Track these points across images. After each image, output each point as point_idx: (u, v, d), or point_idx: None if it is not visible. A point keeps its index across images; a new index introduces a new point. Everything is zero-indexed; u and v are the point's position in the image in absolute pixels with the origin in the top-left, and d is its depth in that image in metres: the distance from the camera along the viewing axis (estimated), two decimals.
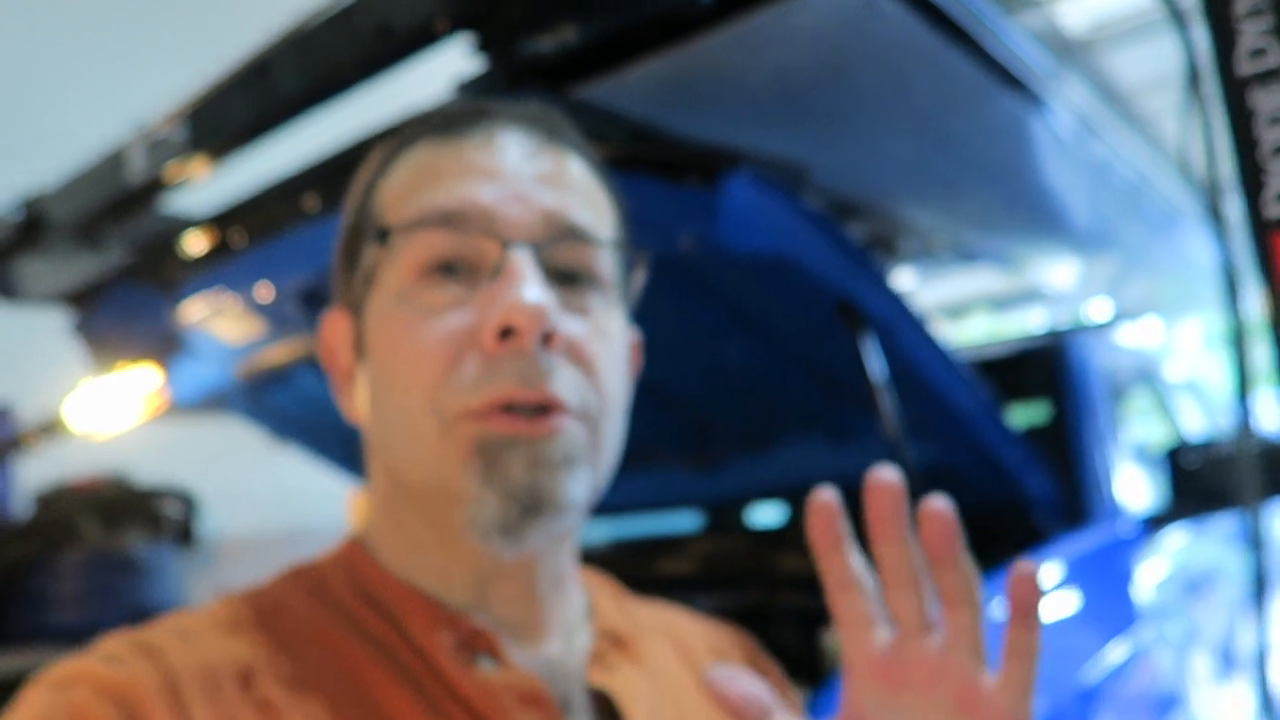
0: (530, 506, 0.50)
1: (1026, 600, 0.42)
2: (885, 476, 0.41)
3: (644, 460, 1.82)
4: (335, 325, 0.60)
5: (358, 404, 0.58)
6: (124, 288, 1.52)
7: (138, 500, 2.70)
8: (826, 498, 0.42)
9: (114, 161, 1.38)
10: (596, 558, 2.09)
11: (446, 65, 1.04)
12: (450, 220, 0.52)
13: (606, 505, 0.59)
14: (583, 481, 0.52)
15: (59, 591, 2.57)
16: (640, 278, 0.61)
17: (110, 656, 0.47)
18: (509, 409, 0.50)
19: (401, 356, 0.52)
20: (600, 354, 0.54)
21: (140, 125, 1.29)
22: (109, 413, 1.79)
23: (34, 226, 1.54)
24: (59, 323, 1.79)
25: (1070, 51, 1.36)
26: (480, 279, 0.52)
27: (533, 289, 0.50)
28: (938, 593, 0.42)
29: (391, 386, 0.53)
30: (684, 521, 2.38)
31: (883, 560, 0.42)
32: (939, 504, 0.41)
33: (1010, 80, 1.21)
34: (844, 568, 0.43)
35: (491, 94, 1.01)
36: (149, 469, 2.89)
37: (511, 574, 0.54)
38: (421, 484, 0.53)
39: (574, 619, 0.59)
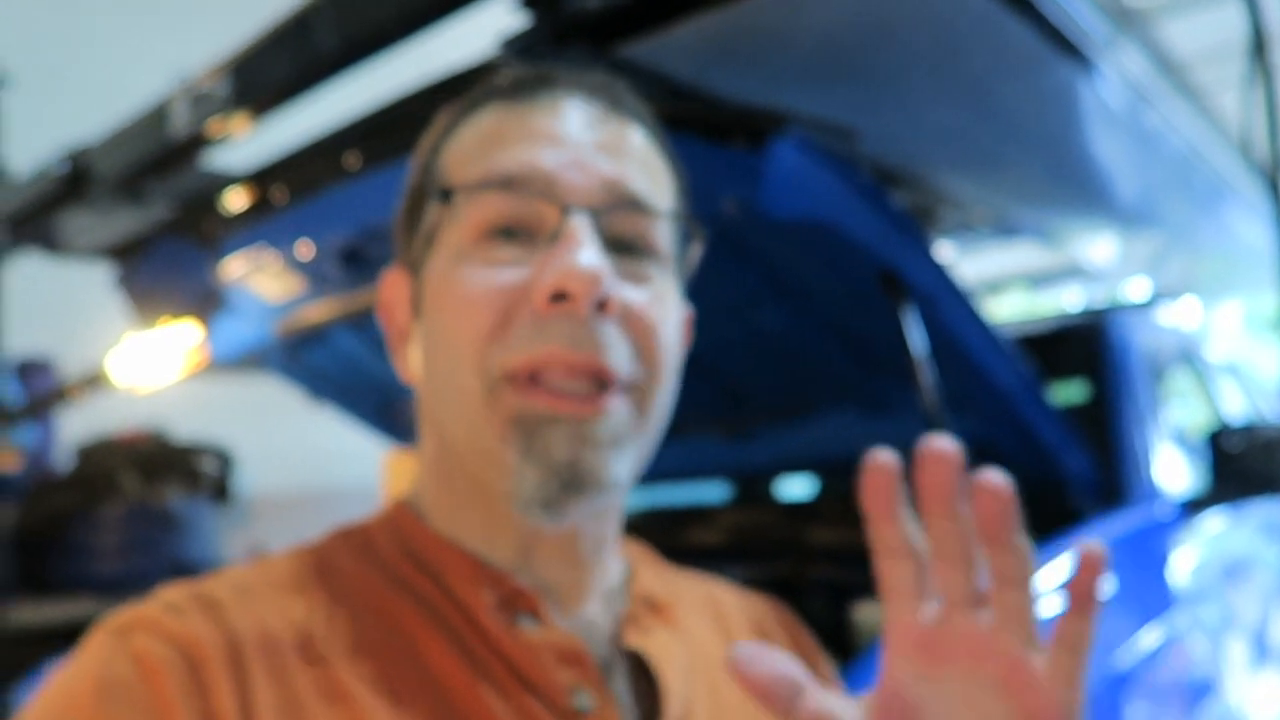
0: (570, 483, 0.50)
1: (1086, 587, 0.39)
2: (941, 445, 0.38)
3: (675, 428, 1.81)
4: (394, 284, 0.60)
5: (412, 364, 0.58)
6: (167, 243, 1.53)
7: (176, 456, 2.75)
8: (884, 459, 0.39)
9: (157, 116, 1.39)
10: (626, 527, 2.10)
11: (491, 22, 1.03)
12: (512, 183, 0.52)
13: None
14: (628, 459, 0.52)
15: (99, 543, 2.63)
16: (697, 250, 0.60)
17: (172, 606, 0.48)
18: (556, 386, 0.50)
19: (453, 310, 0.52)
20: (656, 322, 0.54)
21: (183, 80, 1.29)
22: (150, 367, 1.82)
23: (79, 180, 1.56)
24: (102, 277, 1.82)
25: (1126, 17, 1.32)
26: (538, 242, 0.52)
27: (589, 253, 0.50)
28: (990, 571, 0.40)
29: (441, 342, 0.53)
30: (713, 492, 2.38)
31: (931, 533, 0.40)
32: (995, 479, 0.38)
33: (1063, 45, 1.18)
34: (895, 535, 0.40)
35: (536, 51, 1.00)
36: (187, 425, 2.94)
37: (554, 540, 0.55)
38: (466, 446, 0.53)
39: (614, 584, 0.60)
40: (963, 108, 1.34)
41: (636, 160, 0.56)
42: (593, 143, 0.54)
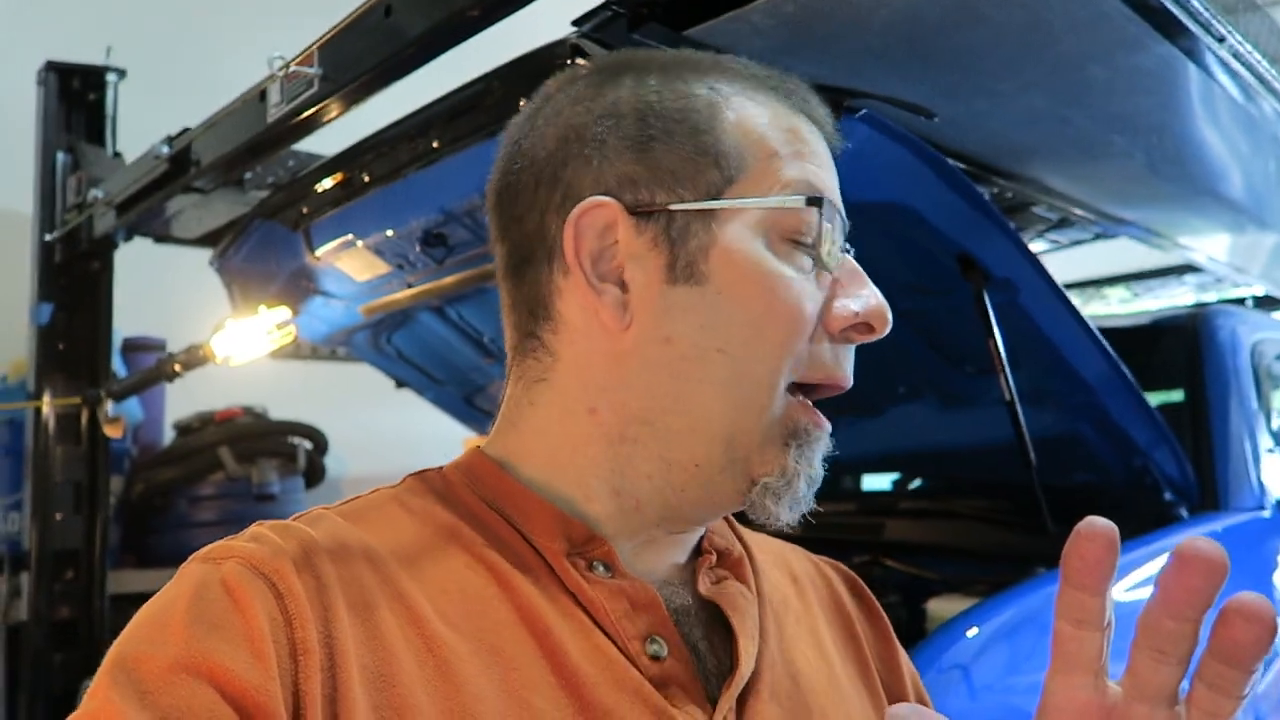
0: (816, 492, 0.56)
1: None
2: (1210, 549, 0.36)
3: None
4: (603, 217, 0.53)
5: (621, 322, 0.54)
6: (260, 227, 1.59)
7: (272, 434, 2.84)
8: (1104, 528, 0.38)
9: (253, 103, 1.45)
10: None
11: (568, 3, 1.04)
12: (821, 201, 0.55)
13: None
14: None
15: (196, 518, 2.75)
16: None
17: (255, 536, 0.51)
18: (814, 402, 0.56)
19: (771, 310, 0.53)
20: None
21: (276, 67, 1.34)
22: (245, 348, 1.89)
23: (181, 163, 1.64)
24: (201, 261, 1.90)
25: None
26: (815, 263, 0.55)
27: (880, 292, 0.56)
28: (1208, 674, 0.38)
29: (745, 331, 0.53)
30: None
31: (1161, 629, 0.38)
32: (1259, 604, 0.36)
33: (1163, 24, 1.12)
34: (1095, 608, 0.39)
35: (609, 31, 1.00)
36: (283, 409, 3.04)
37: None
38: (736, 433, 0.53)
39: (689, 536, 0.61)
40: (1052, 93, 1.29)
41: None
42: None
